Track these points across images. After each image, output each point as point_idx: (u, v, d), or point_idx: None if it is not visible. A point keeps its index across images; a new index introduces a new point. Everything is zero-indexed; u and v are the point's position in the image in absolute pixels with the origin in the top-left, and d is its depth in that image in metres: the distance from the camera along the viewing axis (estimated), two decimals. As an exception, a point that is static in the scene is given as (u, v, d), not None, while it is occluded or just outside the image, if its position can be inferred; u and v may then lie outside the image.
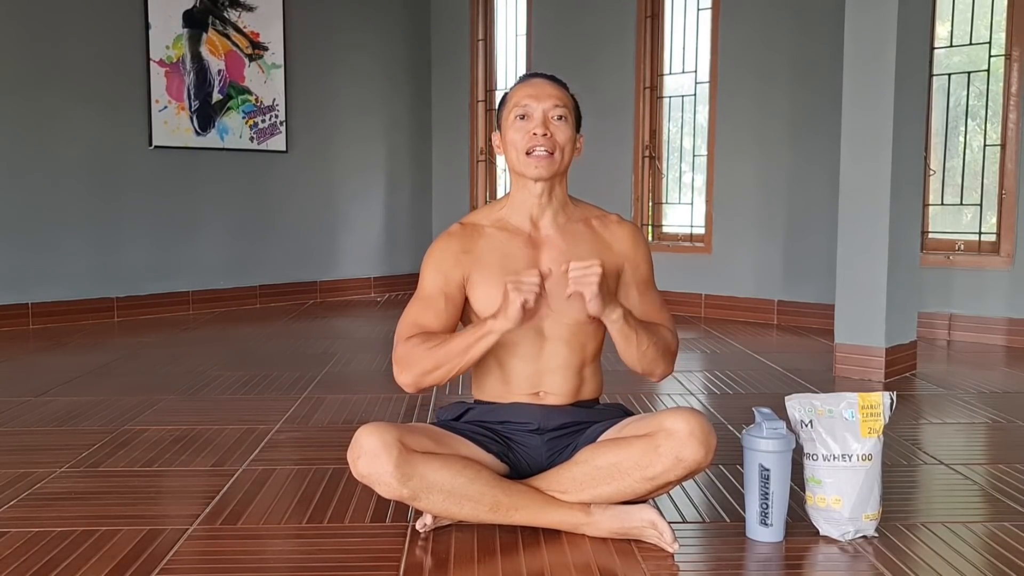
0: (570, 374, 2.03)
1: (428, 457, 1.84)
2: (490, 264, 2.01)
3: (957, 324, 4.59)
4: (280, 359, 4.01)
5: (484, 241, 2.04)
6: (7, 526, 1.99)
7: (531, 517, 1.91)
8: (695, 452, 1.82)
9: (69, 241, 4.99)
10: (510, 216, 2.06)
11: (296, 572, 1.77)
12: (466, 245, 2.04)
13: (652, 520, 1.87)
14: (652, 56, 5.59)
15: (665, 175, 5.65)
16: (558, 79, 2.08)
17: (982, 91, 4.59)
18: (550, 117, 1.98)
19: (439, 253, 2.05)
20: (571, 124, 2.01)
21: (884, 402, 1.89)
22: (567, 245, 2.02)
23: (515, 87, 2.06)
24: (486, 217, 2.10)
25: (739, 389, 3.43)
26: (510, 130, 2.00)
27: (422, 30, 6.63)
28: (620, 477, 1.87)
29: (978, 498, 2.24)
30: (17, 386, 3.43)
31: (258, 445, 2.63)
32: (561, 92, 2.03)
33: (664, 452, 1.83)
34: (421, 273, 2.08)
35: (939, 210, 4.75)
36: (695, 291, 5.44)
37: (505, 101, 2.06)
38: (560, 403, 2.03)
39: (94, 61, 5.03)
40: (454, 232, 2.08)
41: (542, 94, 1.99)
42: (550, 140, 1.96)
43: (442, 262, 2.03)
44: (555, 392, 2.02)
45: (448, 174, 6.68)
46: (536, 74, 2.09)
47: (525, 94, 2.00)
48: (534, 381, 2.02)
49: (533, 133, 1.96)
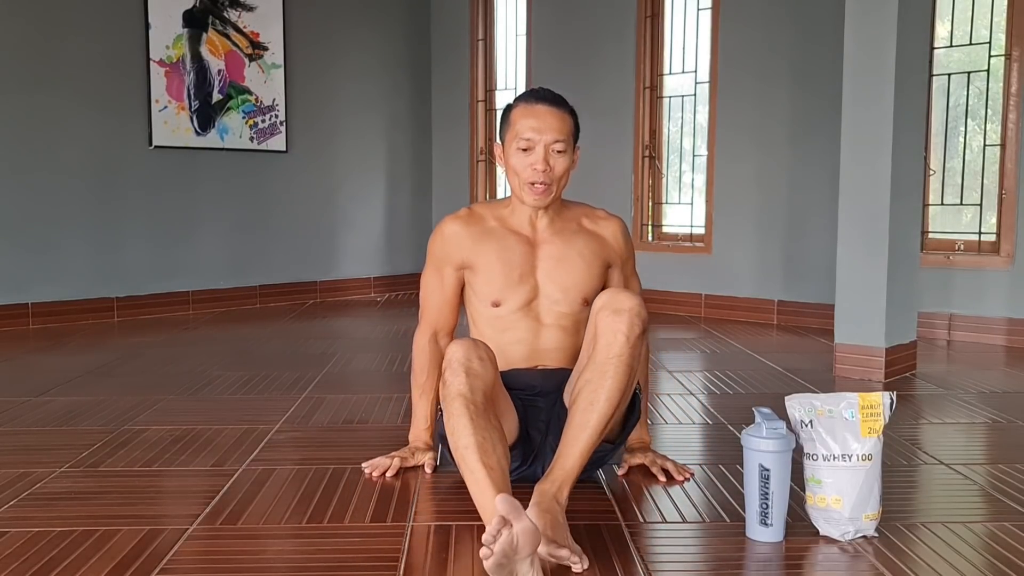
0: (564, 351, 2.24)
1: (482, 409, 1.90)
2: (488, 254, 2.22)
3: (957, 324, 4.60)
4: (280, 359, 4.01)
5: (487, 233, 2.24)
6: (7, 526, 1.99)
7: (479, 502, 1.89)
8: (625, 321, 1.95)
9: (69, 241, 4.99)
10: (511, 217, 2.26)
11: (296, 572, 1.77)
12: (470, 231, 2.24)
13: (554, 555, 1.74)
14: (652, 56, 5.59)
15: (665, 175, 5.65)
16: (560, 100, 2.19)
17: (982, 91, 4.59)
18: (551, 151, 2.13)
19: (444, 237, 2.26)
20: (569, 151, 2.17)
21: (884, 402, 1.89)
22: (562, 243, 2.24)
23: (519, 107, 2.18)
24: (490, 211, 2.29)
25: (739, 389, 3.43)
26: (512, 157, 2.17)
27: (422, 30, 6.63)
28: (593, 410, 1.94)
29: (978, 498, 2.24)
30: (17, 386, 3.43)
31: (258, 445, 2.63)
32: (562, 123, 2.15)
33: (610, 354, 1.95)
34: (429, 249, 2.31)
35: (939, 210, 4.75)
36: (695, 291, 5.44)
37: (508, 121, 2.18)
38: (555, 367, 2.24)
39: (94, 61, 5.03)
40: (461, 216, 2.28)
41: (544, 127, 2.13)
42: (549, 174, 2.14)
43: (445, 245, 2.26)
44: (551, 363, 2.25)
45: (448, 174, 6.68)
46: (539, 96, 2.18)
47: (528, 126, 2.13)
48: (531, 358, 2.24)
49: (534, 168, 2.13)
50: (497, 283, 2.21)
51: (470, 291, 2.29)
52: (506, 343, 2.22)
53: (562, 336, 2.23)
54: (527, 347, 2.23)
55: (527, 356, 2.24)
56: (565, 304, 2.22)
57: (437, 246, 2.27)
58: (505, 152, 2.19)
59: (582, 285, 2.22)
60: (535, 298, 2.22)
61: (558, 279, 2.21)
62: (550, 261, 2.22)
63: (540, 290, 2.22)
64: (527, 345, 2.23)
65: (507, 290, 2.20)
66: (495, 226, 2.24)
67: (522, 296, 2.21)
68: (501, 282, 2.21)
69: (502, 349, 2.20)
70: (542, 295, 2.22)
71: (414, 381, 2.35)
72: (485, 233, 2.24)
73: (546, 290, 2.21)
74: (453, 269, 2.26)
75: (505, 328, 2.22)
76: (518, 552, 1.57)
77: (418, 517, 2.03)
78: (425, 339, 2.32)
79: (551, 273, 2.21)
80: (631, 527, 1.99)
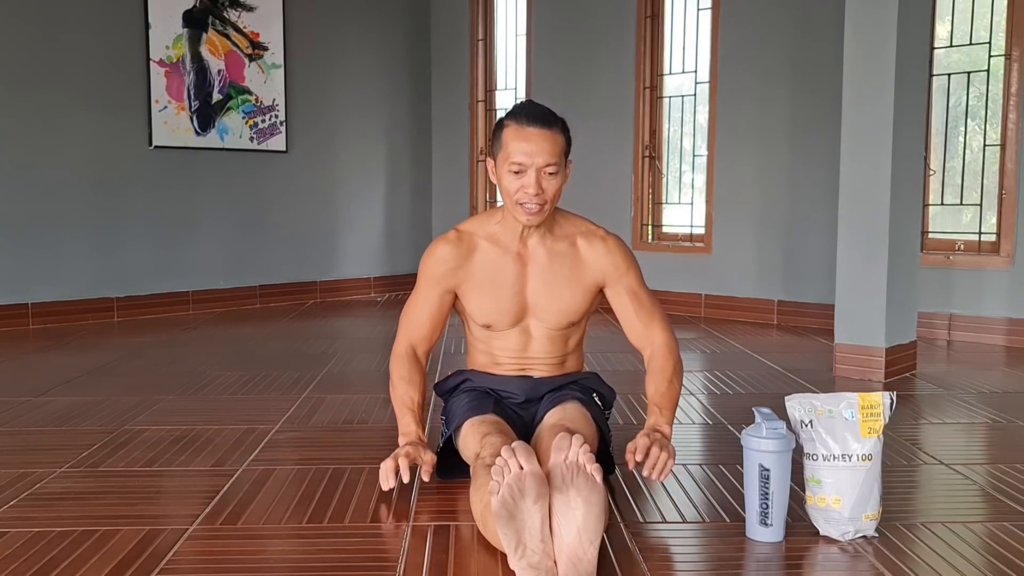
0: (554, 361, 2.31)
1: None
2: (481, 277, 2.24)
3: (957, 324, 4.60)
4: (280, 359, 4.01)
5: (478, 254, 2.25)
6: (7, 526, 1.99)
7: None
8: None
9: (69, 241, 4.99)
10: (502, 233, 2.26)
11: (296, 572, 1.77)
12: (461, 256, 2.25)
13: None
14: (652, 56, 5.59)
15: (665, 175, 5.65)
16: (550, 120, 2.13)
17: (982, 91, 4.59)
18: (543, 173, 2.12)
19: (435, 261, 2.27)
20: (561, 170, 2.15)
21: (884, 402, 1.89)
22: (551, 266, 2.24)
23: (510, 128, 2.14)
24: (481, 228, 2.28)
25: (739, 389, 3.43)
26: (503, 178, 2.15)
27: (422, 30, 6.63)
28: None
29: (978, 498, 2.24)
30: (17, 386, 3.43)
31: (258, 445, 2.63)
32: (553, 145, 2.11)
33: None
34: (419, 271, 2.31)
35: (939, 210, 4.75)
36: (695, 291, 5.44)
37: (500, 141, 2.16)
38: (545, 376, 2.30)
39: (94, 61, 5.03)
40: (451, 239, 2.27)
41: (536, 150, 2.10)
42: (542, 196, 2.13)
43: (436, 269, 2.27)
44: (540, 372, 2.31)
45: (448, 174, 6.68)
46: (530, 117, 2.12)
47: (520, 150, 2.10)
48: (521, 366, 2.30)
49: (526, 191, 2.12)
50: (487, 308, 2.25)
51: (462, 307, 2.33)
52: (496, 349, 2.31)
53: (550, 348, 2.29)
54: (516, 356, 2.29)
55: (516, 365, 2.30)
56: (553, 323, 2.27)
57: (429, 269, 2.28)
58: (497, 171, 2.18)
59: (569, 311, 2.26)
60: (524, 317, 2.26)
61: (546, 304, 2.24)
62: (539, 283, 2.24)
63: (529, 309, 2.25)
64: (516, 354, 2.29)
65: (497, 315, 2.25)
66: (486, 246, 2.25)
67: (512, 316, 2.26)
68: (491, 307, 2.25)
69: (493, 354, 2.31)
70: (531, 314, 2.26)
71: (394, 389, 2.26)
72: (475, 256, 2.25)
73: (535, 310, 2.25)
74: (444, 291, 2.28)
75: (496, 337, 2.29)
76: (525, 494, 1.60)
77: (418, 517, 2.04)
78: (402, 348, 2.30)
79: (540, 293, 2.24)
80: (631, 527, 1.99)
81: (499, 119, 2.21)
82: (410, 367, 2.27)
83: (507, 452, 1.67)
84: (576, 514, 1.64)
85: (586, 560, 1.63)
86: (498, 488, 1.63)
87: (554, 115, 2.16)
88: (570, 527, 1.64)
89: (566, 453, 1.71)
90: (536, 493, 1.62)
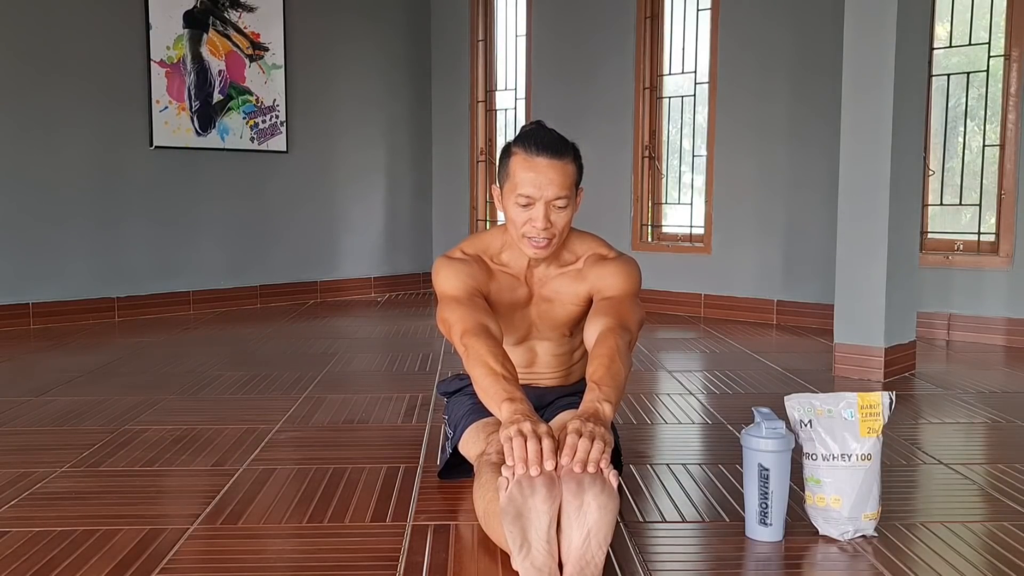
0: (559, 373, 2.29)
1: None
2: (497, 300, 2.15)
3: (956, 324, 4.60)
4: (280, 359, 4.02)
5: (494, 280, 2.16)
6: (7, 526, 1.99)
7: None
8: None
9: (69, 241, 5.00)
10: (511, 262, 2.17)
11: (296, 572, 1.78)
12: (482, 273, 2.14)
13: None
14: (652, 56, 5.59)
15: (665, 175, 5.65)
16: (562, 149, 2.01)
17: (981, 92, 4.60)
18: (552, 207, 2.01)
19: (457, 271, 2.12)
20: (572, 202, 2.04)
21: (883, 402, 1.90)
22: (558, 293, 2.16)
23: (518, 156, 2.01)
24: (485, 252, 2.18)
25: (739, 389, 3.43)
26: (510, 209, 2.05)
27: (422, 31, 6.64)
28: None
29: (978, 498, 2.24)
30: (17, 386, 3.44)
31: (258, 445, 2.63)
32: (564, 176, 2.00)
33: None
34: (441, 284, 2.12)
35: (938, 210, 4.75)
36: (695, 291, 5.45)
37: (507, 170, 2.04)
38: (552, 385, 2.28)
39: (94, 61, 5.03)
40: (467, 259, 2.15)
41: (545, 182, 1.98)
42: (551, 230, 2.03)
43: (462, 273, 2.11)
44: (547, 382, 2.29)
45: (448, 174, 6.69)
46: (540, 146, 1.99)
47: (528, 181, 1.99)
48: (527, 379, 2.25)
49: (534, 225, 2.01)
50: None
51: None
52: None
53: (555, 363, 2.28)
54: (522, 370, 2.23)
55: (523, 374, 2.23)
56: (555, 339, 2.25)
57: (453, 271, 2.11)
58: (504, 200, 2.07)
59: (573, 325, 2.23)
60: (529, 336, 2.24)
61: (551, 323, 2.20)
62: (545, 305, 2.18)
63: (533, 330, 2.22)
64: (522, 368, 2.24)
65: (506, 330, 2.18)
66: (498, 271, 2.17)
67: (518, 335, 2.23)
68: (502, 323, 2.16)
69: None
70: (535, 333, 2.23)
71: (480, 372, 1.90)
72: (492, 280, 2.16)
73: (540, 329, 2.22)
74: (477, 290, 2.11)
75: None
76: (535, 493, 1.59)
77: (418, 517, 2.04)
78: (471, 326, 1.99)
79: (544, 317, 2.19)
80: (630, 526, 2.00)
81: (506, 144, 2.09)
82: (488, 340, 1.95)
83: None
84: (589, 519, 1.60)
85: (593, 564, 1.61)
86: (507, 484, 1.59)
87: (565, 142, 2.04)
88: (581, 530, 1.60)
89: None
90: (546, 492, 1.59)
